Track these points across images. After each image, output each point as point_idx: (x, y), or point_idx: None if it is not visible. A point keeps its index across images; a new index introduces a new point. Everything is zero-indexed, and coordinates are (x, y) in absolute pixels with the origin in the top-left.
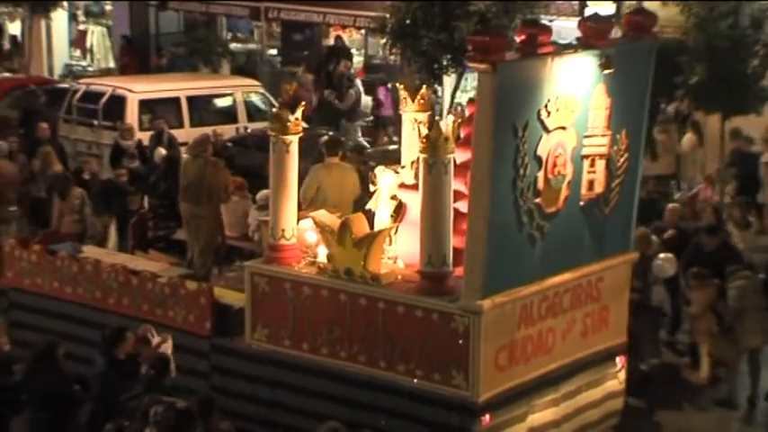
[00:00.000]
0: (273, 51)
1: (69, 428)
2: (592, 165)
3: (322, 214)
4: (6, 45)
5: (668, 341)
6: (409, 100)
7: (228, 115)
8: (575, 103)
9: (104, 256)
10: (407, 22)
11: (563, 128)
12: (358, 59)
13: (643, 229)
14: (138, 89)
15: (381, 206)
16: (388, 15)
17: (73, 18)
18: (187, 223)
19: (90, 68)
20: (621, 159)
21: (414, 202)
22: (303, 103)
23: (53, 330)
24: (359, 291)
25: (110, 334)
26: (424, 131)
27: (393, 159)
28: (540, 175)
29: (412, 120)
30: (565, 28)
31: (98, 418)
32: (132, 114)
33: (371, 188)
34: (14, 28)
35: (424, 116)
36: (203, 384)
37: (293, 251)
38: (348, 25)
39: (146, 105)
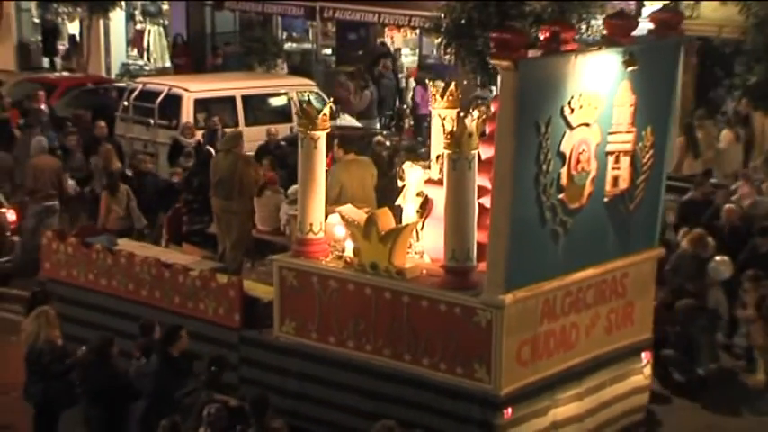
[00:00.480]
0: (328, 51)
1: (124, 424)
2: (616, 161)
3: (348, 209)
4: (65, 45)
5: (725, 344)
6: (438, 96)
7: (283, 114)
8: (598, 100)
9: (138, 249)
10: (462, 21)
11: (587, 124)
12: (412, 59)
13: (698, 231)
14: (193, 88)
15: (408, 202)
16: (443, 15)
17: (130, 18)
18: (218, 218)
19: (147, 68)
20: (647, 156)
21: (439, 197)
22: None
23: (87, 321)
24: (384, 285)
25: (165, 332)
26: (449, 127)
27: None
28: (564, 171)
29: (440, 116)
30: None
31: (152, 415)
32: (188, 113)
33: (400, 184)
34: (73, 28)
35: (452, 112)
36: (232, 376)
37: (321, 245)
38: (403, 25)
39: (201, 104)
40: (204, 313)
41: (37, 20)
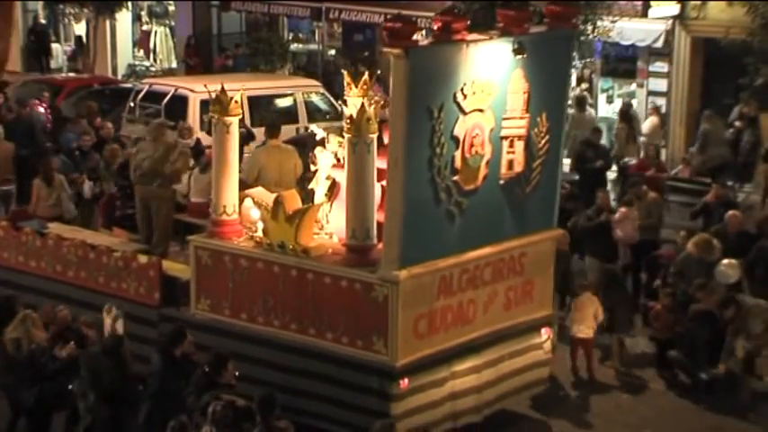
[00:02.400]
0: (334, 52)
1: (130, 424)
2: (511, 145)
3: (258, 191)
4: (72, 45)
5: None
6: (353, 86)
7: (289, 115)
8: (492, 86)
9: (67, 233)
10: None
11: (480, 110)
12: None
13: (704, 235)
14: (199, 89)
15: (319, 185)
16: None
17: (137, 19)
18: (143, 204)
19: (153, 68)
20: (542, 141)
21: (345, 180)
22: None
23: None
24: (290, 263)
25: (170, 333)
26: (347, 113)
27: None
28: (458, 154)
29: (354, 104)
30: (628, 29)
31: (156, 415)
32: (194, 114)
33: (312, 168)
34: (80, 29)
35: (366, 101)
36: (152, 351)
37: (234, 226)
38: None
39: (207, 105)
40: (126, 292)
41: (44, 20)
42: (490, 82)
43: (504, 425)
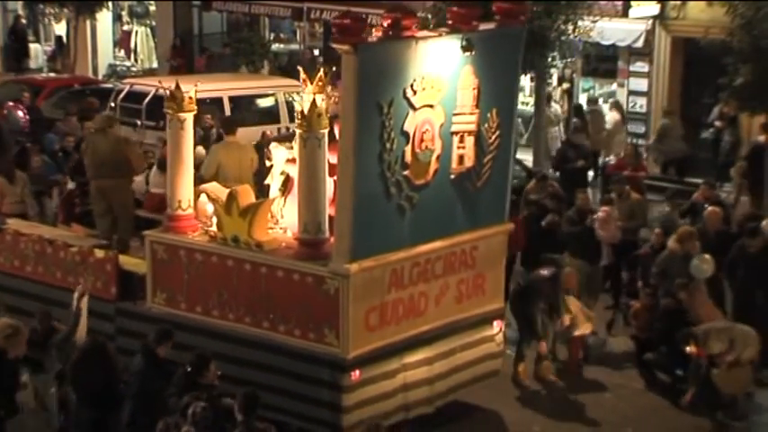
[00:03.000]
0: (316, 52)
1: (115, 426)
2: (461, 141)
3: (212, 186)
4: (51, 46)
5: None
6: (308, 82)
7: (271, 115)
8: (441, 82)
9: (26, 228)
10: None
11: (430, 106)
12: None
13: (686, 228)
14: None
15: (274, 180)
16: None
17: (117, 19)
18: (102, 198)
19: (134, 69)
20: (493, 137)
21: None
22: None
23: None
24: (244, 257)
25: (156, 333)
26: (299, 108)
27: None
28: (408, 149)
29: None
30: (608, 29)
31: (139, 416)
32: None
33: (268, 164)
34: (60, 29)
35: (321, 97)
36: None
37: (189, 221)
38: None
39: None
40: (83, 287)
41: (24, 20)
42: (440, 78)
43: (458, 416)
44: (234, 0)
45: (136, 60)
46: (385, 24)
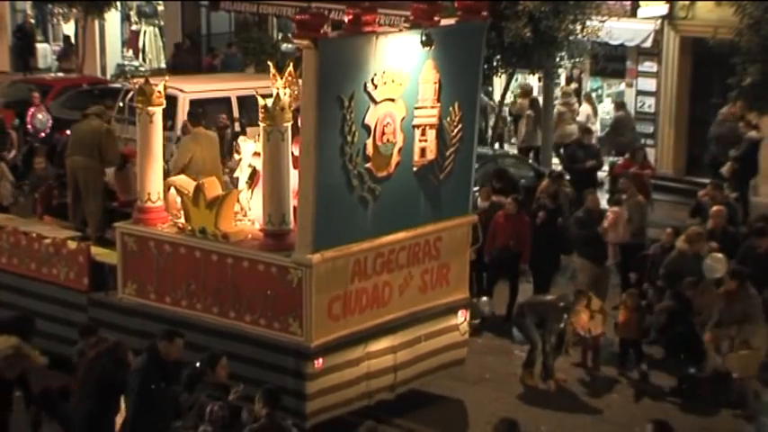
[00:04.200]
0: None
1: (110, 419)
2: (423, 134)
3: (180, 178)
4: (60, 45)
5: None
6: (278, 76)
7: None
8: (402, 76)
9: (2, 221)
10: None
11: (391, 99)
12: None
13: (695, 228)
14: (188, 89)
15: (243, 173)
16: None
17: (126, 18)
18: (74, 178)
19: (142, 68)
20: (455, 130)
21: None
22: None
23: None
24: (211, 248)
25: (162, 331)
26: (262, 102)
27: None
28: (369, 142)
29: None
30: (617, 28)
31: (139, 415)
32: (183, 113)
33: (236, 157)
34: (68, 28)
35: (289, 90)
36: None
37: (159, 213)
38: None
39: (197, 105)
40: (57, 278)
41: (33, 20)
42: (401, 72)
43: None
44: (242, 0)
45: (144, 60)
46: (346, 20)
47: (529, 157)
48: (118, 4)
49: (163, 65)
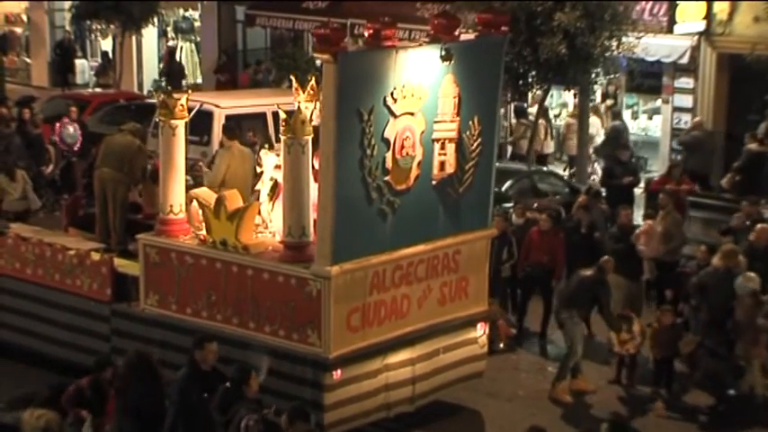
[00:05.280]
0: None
1: None
2: (442, 147)
3: (202, 191)
4: (98, 61)
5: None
6: (300, 90)
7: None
8: (422, 91)
9: (28, 232)
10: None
11: (411, 113)
12: None
13: (730, 246)
14: (224, 104)
15: (264, 186)
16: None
17: (163, 34)
18: (102, 189)
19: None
20: (474, 144)
21: None
22: None
23: None
24: (231, 259)
25: (195, 339)
26: (283, 116)
27: None
28: (389, 155)
29: (304, 108)
30: (653, 45)
31: (178, 427)
32: (219, 129)
33: (258, 170)
34: (106, 44)
35: (312, 105)
36: (105, 345)
37: (181, 225)
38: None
39: (232, 120)
40: (80, 289)
41: (71, 36)
42: (420, 86)
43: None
44: (277, 16)
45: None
46: (366, 34)
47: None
48: (155, 20)
49: (199, 80)
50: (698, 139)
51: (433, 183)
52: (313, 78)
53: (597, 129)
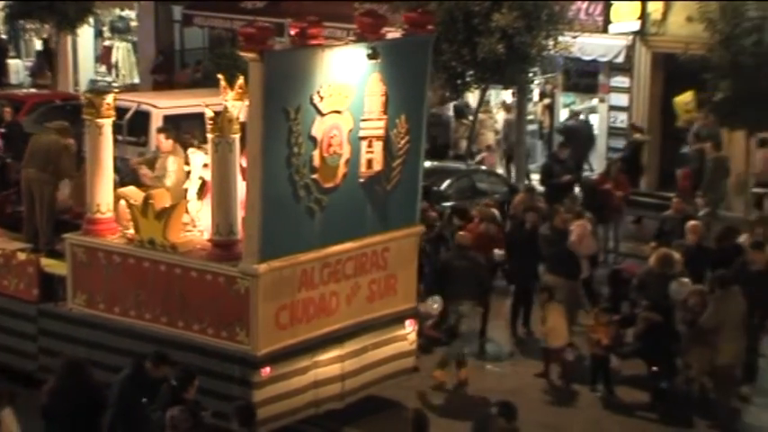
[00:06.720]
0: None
1: None
2: (370, 145)
3: (130, 190)
4: (33, 61)
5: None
6: (228, 89)
7: None
8: (349, 89)
9: None
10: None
11: (338, 111)
12: None
13: (664, 250)
14: (162, 104)
15: (192, 185)
16: None
17: (98, 34)
18: (28, 189)
19: (115, 84)
20: (402, 142)
21: None
22: None
23: None
24: (159, 258)
25: (152, 354)
26: (210, 114)
27: None
28: (316, 153)
29: (231, 107)
30: (589, 44)
31: (117, 426)
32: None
33: (186, 168)
34: (41, 44)
35: (240, 104)
36: (32, 346)
37: (108, 224)
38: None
39: (170, 121)
40: (7, 289)
41: (5, 36)
42: (347, 85)
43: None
44: (215, 16)
45: (117, 75)
46: (292, 33)
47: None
48: (91, 19)
49: (136, 80)
50: (573, 128)
51: (361, 180)
52: (241, 77)
53: (509, 126)
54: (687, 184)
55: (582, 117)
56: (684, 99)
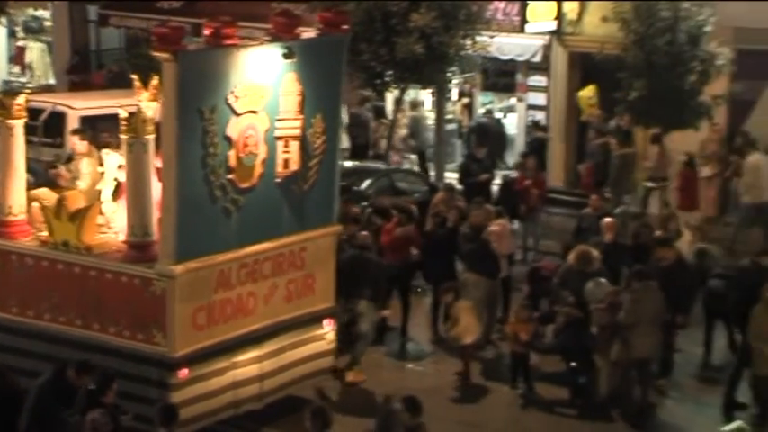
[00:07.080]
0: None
1: None
2: (286, 145)
3: (43, 192)
4: None
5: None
6: (143, 89)
7: None
8: (264, 89)
9: None
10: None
11: (254, 111)
12: None
13: (582, 247)
14: (78, 105)
15: (107, 186)
16: None
17: (12, 34)
18: None
19: (29, 85)
20: (318, 141)
21: None
22: None
23: None
24: (73, 260)
25: (77, 362)
26: (124, 114)
27: None
28: (232, 153)
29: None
30: (507, 44)
31: (32, 430)
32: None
33: (100, 170)
34: None
35: (154, 104)
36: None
37: (21, 226)
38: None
39: (87, 122)
40: None
41: None
42: (262, 85)
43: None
44: (131, 16)
45: (31, 76)
46: (206, 33)
47: None
48: (3, 19)
49: (51, 81)
50: (485, 125)
51: (278, 180)
52: (156, 77)
53: (416, 122)
54: (590, 180)
55: (496, 115)
56: (587, 94)
